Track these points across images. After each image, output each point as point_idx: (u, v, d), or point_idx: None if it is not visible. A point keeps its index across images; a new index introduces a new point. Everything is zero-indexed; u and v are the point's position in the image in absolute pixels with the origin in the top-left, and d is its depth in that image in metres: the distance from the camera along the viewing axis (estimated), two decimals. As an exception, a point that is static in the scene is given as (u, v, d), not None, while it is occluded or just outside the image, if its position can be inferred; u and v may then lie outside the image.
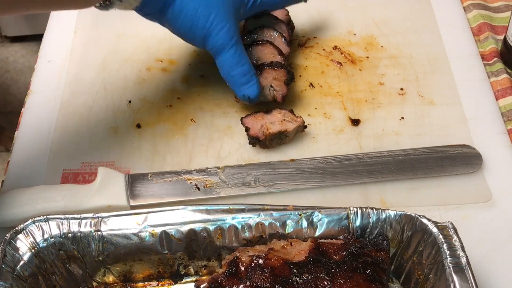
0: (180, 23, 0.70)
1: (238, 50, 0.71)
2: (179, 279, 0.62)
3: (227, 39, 0.70)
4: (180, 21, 0.69)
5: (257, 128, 0.71)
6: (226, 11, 0.70)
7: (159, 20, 0.72)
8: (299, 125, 0.72)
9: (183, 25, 0.70)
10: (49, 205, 0.64)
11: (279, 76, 0.74)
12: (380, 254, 0.56)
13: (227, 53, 0.71)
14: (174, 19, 0.70)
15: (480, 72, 0.82)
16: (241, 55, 0.72)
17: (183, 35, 0.72)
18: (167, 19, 0.70)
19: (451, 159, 0.71)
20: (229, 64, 0.71)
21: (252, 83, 0.72)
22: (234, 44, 0.70)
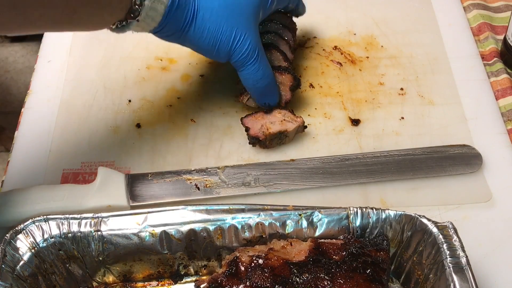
0: (203, 41, 0.67)
1: (263, 63, 0.69)
2: (179, 279, 0.62)
3: (252, 51, 0.68)
4: (204, 39, 0.66)
5: (257, 128, 0.71)
6: (249, 21, 0.68)
7: (180, 41, 0.68)
8: (299, 125, 0.72)
9: (207, 42, 0.67)
10: (49, 205, 0.64)
11: (285, 81, 0.74)
12: (380, 254, 0.56)
13: (253, 67, 0.69)
14: (197, 37, 0.66)
15: (480, 72, 0.82)
16: (266, 68, 0.70)
17: (207, 52, 0.69)
18: (189, 38, 0.67)
19: (451, 159, 0.71)
20: (255, 78, 0.70)
21: (275, 93, 0.72)
22: (258, 56, 0.68)
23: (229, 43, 0.67)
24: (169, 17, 0.63)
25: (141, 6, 0.61)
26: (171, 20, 0.64)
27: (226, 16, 0.66)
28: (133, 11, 0.61)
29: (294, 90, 0.74)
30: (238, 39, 0.67)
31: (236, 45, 0.67)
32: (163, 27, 0.64)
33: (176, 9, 0.63)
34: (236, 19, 0.66)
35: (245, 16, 0.67)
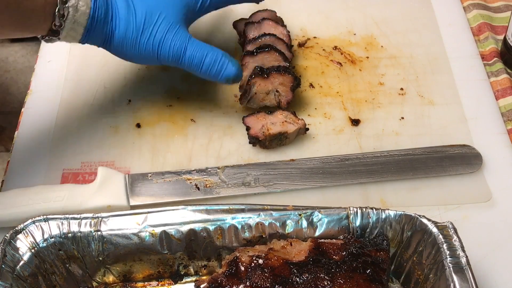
0: (128, 51, 0.69)
1: (194, 45, 0.69)
2: (179, 279, 0.62)
3: (182, 45, 0.68)
4: (127, 49, 0.68)
5: (258, 128, 0.71)
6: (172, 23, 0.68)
7: (111, 51, 0.70)
8: (300, 128, 0.72)
9: (132, 51, 0.69)
10: (49, 205, 0.64)
11: (286, 81, 0.74)
12: (380, 254, 0.56)
13: (187, 55, 0.68)
14: (120, 49, 0.69)
15: (480, 72, 0.82)
16: (200, 47, 0.69)
17: (137, 61, 0.71)
18: (114, 50, 0.69)
19: (451, 159, 0.71)
20: (196, 63, 0.69)
21: (226, 64, 0.70)
22: (188, 44, 0.68)
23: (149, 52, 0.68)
24: (89, 35, 0.66)
25: (61, 28, 0.64)
26: (92, 37, 0.67)
27: (145, 28, 0.67)
28: (54, 32, 0.64)
29: (295, 89, 0.74)
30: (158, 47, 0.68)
31: (160, 52, 0.68)
32: (85, 41, 0.67)
33: (95, 28, 0.66)
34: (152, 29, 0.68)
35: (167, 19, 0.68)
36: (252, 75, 0.74)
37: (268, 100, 0.74)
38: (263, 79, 0.73)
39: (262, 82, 0.73)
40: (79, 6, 0.63)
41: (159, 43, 0.68)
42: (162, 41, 0.68)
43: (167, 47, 0.68)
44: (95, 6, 0.65)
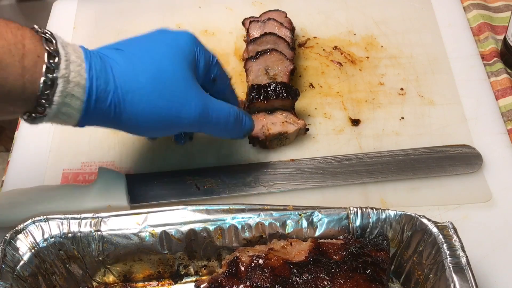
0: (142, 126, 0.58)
1: (214, 104, 0.61)
2: (179, 279, 0.62)
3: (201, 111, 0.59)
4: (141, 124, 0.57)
5: (258, 128, 0.71)
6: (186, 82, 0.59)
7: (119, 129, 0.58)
8: (299, 128, 0.72)
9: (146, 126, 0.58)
10: (49, 205, 0.64)
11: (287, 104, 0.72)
12: (380, 254, 0.56)
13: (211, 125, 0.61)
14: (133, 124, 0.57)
15: (480, 72, 0.82)
16: (220, 105, 0.62)
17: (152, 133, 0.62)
18: (125, 127, 0.57)
19: (451, 159, 0.71)
20: (222, 122, 0.62)
21: (245, 119, 0.66)
22: (209, 113, 0.60)
23: (173, 121, 0.58)
24: (89, 112, 0.54)
25: (50, 102, 0.51)
26: (94, 114, 0.54)
27: (158, 89, 0.56)
28: (40, 106, 0.51)
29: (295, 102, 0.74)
30: (181, 111, 0.58)
31: (183, 117, 0.58)
32: (86, 121, 0.55)
33: (95, 104, 0.53)
34: (170, 87, 0.57)
35: (178, 79, 0.58)
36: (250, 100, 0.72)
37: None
38: (263, 103, 0.71)
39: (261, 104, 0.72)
40: (71, 77, 0.51)
41: (182, 106, 0.58)
42: (184, 103, 0.58)
43: (192, 110, 0.58)
44: (92, 76, 0.53)
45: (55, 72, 0.51)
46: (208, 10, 0.91)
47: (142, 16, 0.91)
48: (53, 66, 0.51)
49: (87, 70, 0.53)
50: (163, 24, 0.73)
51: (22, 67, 0.49)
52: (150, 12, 0.91)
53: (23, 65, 0.50)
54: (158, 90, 0.56)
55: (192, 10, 0.91)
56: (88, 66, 0.53)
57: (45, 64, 0.50)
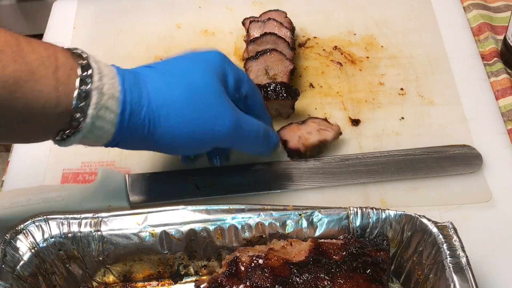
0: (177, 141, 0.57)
1: (246, 120, 0.61)
2: (179, 279, 0.62)
3: (234, 123, 0.59)
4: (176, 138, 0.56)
5: (295, 140, 0.71)
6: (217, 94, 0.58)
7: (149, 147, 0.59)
8: (336, 133, 0.71)
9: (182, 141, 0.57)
10: (49, 205, 0.64)
11: (286, 102, 0.73)
12: (380, 254, 0.56)
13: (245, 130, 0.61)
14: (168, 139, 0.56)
15: (480, 72, 0.82)
16: (252, 123, 0.62)
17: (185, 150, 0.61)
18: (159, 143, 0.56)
19: (451, 159, 0.71)
20: (253, 137, 0.62)
21: (272, 133, 0.66)
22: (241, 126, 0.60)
23: (207, 136, 0.58)
24: (124, 127, 0.53)
25: (83, 115, 0.50)
26: (128, 128, 0.53)
27: (192, 102, 0.56)
28: (75, 120, 0.50)
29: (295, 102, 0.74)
30: (214, 125, 0.57)
31: (217, 131, 0.58)
32: (120, 138, 0.54)
33: (129, 116, 0.53)
34: (203, 100, 0.57)
35: (211, 91, 0.58)
36: None
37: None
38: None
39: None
40: (105, 89, 0.51)
41: (215, 119, 0.57)
42: (217, 117, 0.57)
43: (226, 124, 0.58)
44: (125, 89, 0.52)
45: (89, 84, 0.50)
46: (208, 10, 0.91)
47: (142, 16, 0.91)
48: (86, 78, 0.50)
49: (120, 83, 0.52)
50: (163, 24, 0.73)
51: (56, 79, 0.49)
52: (150, 12, 0.91)
53: (57, 77, 0.49)
54: (192, 103, 0.56)
55: (192, 10, 0.91)
56: (121, 80, 0.53)
57: (78, 76, 0.50)
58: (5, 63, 0.47)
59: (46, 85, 0.48)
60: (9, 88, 0.47)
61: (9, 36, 0.48)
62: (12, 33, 0.49)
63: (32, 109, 0.49)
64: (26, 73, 0.47)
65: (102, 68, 0.52)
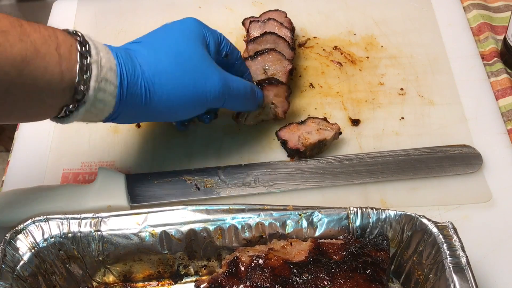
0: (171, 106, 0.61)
1: (232, 79, 0.66)
2: (179, 279, 0.62)
3: (223, 84, 0.63)
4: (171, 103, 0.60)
5: (295, 140, 0.71)
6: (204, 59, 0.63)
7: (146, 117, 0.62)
8: (335, 132, 0.71)
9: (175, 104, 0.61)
10: (49, 205, 0.64)
11: (280, 92, 0.73)
12: (380, 254, 0.56)
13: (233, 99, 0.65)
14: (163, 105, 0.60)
15: (480, 72, 0.82)
16: (239, 81, 0.67)
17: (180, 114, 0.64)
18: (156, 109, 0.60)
19: (451, 159, 0.71)
20: (242, 95, 0.67)
21: (257, 90, 0.71)
22: (229, 76, 0.65)
23: (200, 97, 0.62)
24: (123, 98, 0.56)
25: (87, 87, 0.53)
26: (128, 99, 0.57)
27: (182, 68, 0.60)
28: (79, 93, 0.53)
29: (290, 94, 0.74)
30: (205, 85, 0.62)
31: (208, 91, 0.62)
32: (120, 110, 0.57)
33: (128, 87, 0.56)
34: (191, 64, 0.61)
35: (197, 56, 0.62)
36: None
37: (265, 114, 0.74)
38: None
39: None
40: (103, 63, 0.54)
41: (205, 81, 0.61)
42: (207, 79, 0.62)
43: (216, 85, 0.62)
44: (120, 61, 0.56)
45: (88, 58, 0.54)
46: (208, 10, 0.91)
47: (142, 16, 0.91)
48: (85, 53, 0.54)
49: (115, 57, 0.56)
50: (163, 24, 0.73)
51: (59, 55, 0.52)
52: (150, 12, 0.91)
53: (59, 53, 0.52)
54: (181, 69, 0.60)
55: (192, 10, 0.91)
56: (115, 54, 0.57)
57: (78, 51, 0.53)
58: (12, 43, 0.49)
59: (50, 61, 0.51)
60: (18, 66, 0.49)
61: (11, 18, 0.51)
62: (12, 17, 0.52)
63: (38, 86, 0.51)
64: (31, 51, 0.50)
65: (96, 44, 0.56)
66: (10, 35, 0.49)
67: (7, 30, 0.49)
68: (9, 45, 0.49)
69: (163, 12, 0.91)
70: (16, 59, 0.49)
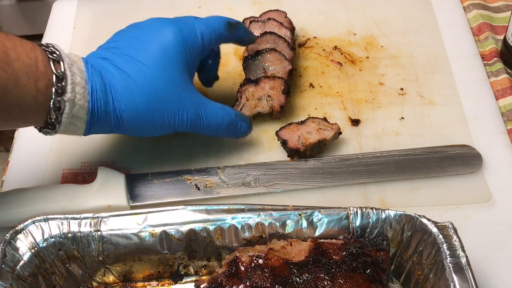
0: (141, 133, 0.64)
1: (208, 111, 0.66)
2: (179, 279, 0.62)
3: (195, 115, 0.65)
4: (141, 132, 0.64)
5: (295, 139, 0.71)
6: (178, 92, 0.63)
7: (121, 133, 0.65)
8: (335, 132, 0.71)
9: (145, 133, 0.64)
10: (49, 205, 0.64)
11: (276, 85, 0.74)
12: (380, 254, 0.56)
13: (204, 125, 0.66)
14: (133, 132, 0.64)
15: (480, 72, 0.82)
16: (214, 111, 0.66)
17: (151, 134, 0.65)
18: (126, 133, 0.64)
19: (451, 159, 0.71)
20: (213, 128, 0.67)
21: (240, 124, 0.70)
22: (202, 116, 0.65)
23: (165, 128, 0.64)
24: (92, 128, 0.60)
25: (58, 121, 0.57)
26: (96, 128, 0.61)
27: (153, 108, 0.61)
28: (50, 125, 0.58)
29: (287, 93, 0.74)
30: (174, 121, 0.63)
31: (176, 124, 0.64)
32: (90, 132, 0.61)
33: (97, 121, 0.59)
34: (164, 103, 0.62)
35: (172, 91, 0.63)
36: (242, 84, 0.74)
37: (261, 106, 0.74)
38: (253, 86, 0.74)
39: (252, 88, 0.74)
40: (76, 100, 0.57)
41: (174, 116, 0.63)
42: (177, 113, 0.63)
43: (184, 117, 0.64)
44: (94, 99, 0.58)
45: (63, 95, 0.56)
46: (208, 10, 0.91)
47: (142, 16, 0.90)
48: (61, 89, 0.56)
49: (89, 92, 0.58)
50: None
51: (37, 89, 0.54)
52: (150, 12, 0.91)
53: (37, 88, 0.55)
54: (152, 108, 0.62)
55: (192, 10, 0.91)
56: (90, 88, 0.58)
57: (54, 87, 0.55)
58: None
59: (28, 94, 0.54)
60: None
61: None
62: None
63: (13, 114, 0.55)
64: (12, 82, 0.52)
65: (75, 75, 0.57)
66: None
67: None
68: None
69: (163, 12, 0.91)
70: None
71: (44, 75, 0.55)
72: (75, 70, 0.57)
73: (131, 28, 0.67)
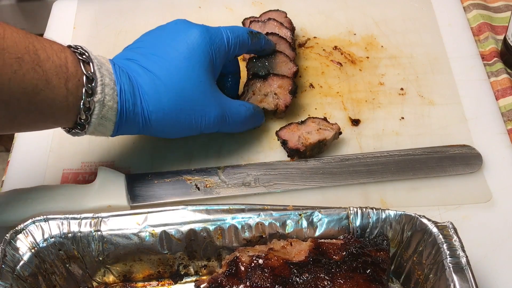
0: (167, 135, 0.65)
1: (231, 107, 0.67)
2: (179, 279, 0.62)
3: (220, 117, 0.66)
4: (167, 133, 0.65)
5: (295, 140, 0.71)
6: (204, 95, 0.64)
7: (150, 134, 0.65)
8: (335, 132, 0.71)
9: (172, 134, 0.65)
10: (49, 205, 0.64)
11: (284, 85, 0.74)
12: (380, 254, 0.56)
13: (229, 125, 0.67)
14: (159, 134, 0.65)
15: (480, 72, 0.82)
16: (235, 108, 0.68)
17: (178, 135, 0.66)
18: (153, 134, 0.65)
19: (451, 159, 0.71)
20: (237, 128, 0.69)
21: (258, 115, 0.72)
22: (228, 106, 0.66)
23: (193, 129, 0.65)
24: (121, 129, 0.61)
25: (88, 122, 0.58)
26: (125, 129, 0.61)
27: (179, 107, 0.62)
28: (80, 125, 0.59)
29: (294, 93, 0.74)
30: (200, 121, 0.64)
31: (203, 125, 0.65)
32: (119, 133, 0.62)
33: (125, 122, 0.60)
34: (190, 103, 0.63)
35: (198, 92, 0.63)
36: (251, 77, 0.74)
37: (266, 103, 0.74)
38: (261, 81, 0.74)
39: (260, 83, 0.74)
40: (106, 101, 0.58)
41: (201, 116, 0.64)
42: (204, 113, 0.64)
43: (211, 117, 0.65)
44: (122, 100, 0.59)
45: (93, 96, 0.57)
46: (208, 10, 0.91)
47: (142, 16, 0.91)
48: (91, 90, 0.57)
49: (118, 93, 0.59)
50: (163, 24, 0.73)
51: (67, 89, 0.55)
52: (150, 12, 0.91)
53: (67, 88, 0.55)
54: (179, 108, 0.62)
55: (192, 10, 0.91)
56: (119, 89, 0.59)
57: (84, 88, 0.56)
58: (25, 71, 0.51)
59: (58, 94, 0.54)
60: (28, 95, 0.52)
61: (25, 40, 0.52)
62: (27, 34, 0.53)
63: (44, 114, 0.55)
64: (43, 82, 0.53)
65: (104, 76, 0.58)
66: (24, 62, 0.51)
67: (21, 57, 0.51)
68: (22, 73, 0.50)
69: (163, 12, 0.91)
70: (27, 88, 0.51)
71: (74, 75, 0.55)
72: (104, 72, 0.58)
73: (156, 29, 0.67)
